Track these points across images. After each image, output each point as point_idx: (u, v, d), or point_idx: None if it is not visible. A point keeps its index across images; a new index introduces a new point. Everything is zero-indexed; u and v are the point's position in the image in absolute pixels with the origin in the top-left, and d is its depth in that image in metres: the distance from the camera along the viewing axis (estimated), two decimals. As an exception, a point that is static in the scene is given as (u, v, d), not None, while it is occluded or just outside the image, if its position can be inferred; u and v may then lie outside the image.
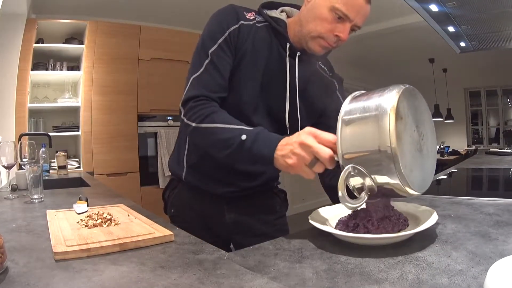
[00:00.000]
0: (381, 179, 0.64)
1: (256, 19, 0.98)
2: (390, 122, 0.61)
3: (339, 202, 1.03)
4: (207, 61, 0.92)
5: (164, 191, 1.21)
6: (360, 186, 0.67)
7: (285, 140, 0.76)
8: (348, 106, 0.69)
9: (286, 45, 0.97)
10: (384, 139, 0.61)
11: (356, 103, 0.68)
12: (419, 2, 3.50)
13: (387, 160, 0.61)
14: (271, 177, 1.13)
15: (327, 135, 0.71)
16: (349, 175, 0.66)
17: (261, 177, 1.08)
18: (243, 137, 0.80)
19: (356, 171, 0.65)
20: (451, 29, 4.30)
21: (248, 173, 1.05)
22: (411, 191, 0.64)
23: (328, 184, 1.01)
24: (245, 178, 1.05)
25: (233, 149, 0.82)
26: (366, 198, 0.67)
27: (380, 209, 0.72)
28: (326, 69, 1.07)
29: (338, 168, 0.70)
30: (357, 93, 0.73)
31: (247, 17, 0.97)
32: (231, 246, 1.10)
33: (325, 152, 0.69)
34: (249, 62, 0.95)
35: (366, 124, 0.65)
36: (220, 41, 0.92)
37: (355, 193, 0.69)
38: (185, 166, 1.08)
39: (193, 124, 0.88)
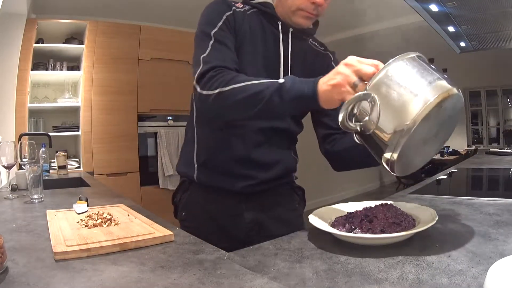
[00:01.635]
0: (380, 134, 0.65)
1: (245, 8, 1.02)
2: (425, 109, 0.60)
3: (340, 169, 1.05)
4: (212, 41, 0.91)
5: (175, 194, 1.15)
6: (361, 118, 0.67)
7: (326, 75, 0.74)
8: (399, 63, 0.66)
9: (278, 24, 1.01)
10: (409, 117, 0.61)
11: (409, 66, 0.66)
12: (419, 2, 3.50)
13: (396, 137, 0.62)
14: (288, 167, 1.09)
15: (370, 60, 0.70)
16: (363, 99, 0.65)
17: (278, 166, 1.05)
18: (281, 80, 0.77)
19: (372, 102, 0.65)
20: (451, 29, 4.30)
21: (264, 163, 1.02)
22: (386, 164, 0.66)
23: (330, 150, 1.03)
24: (261, 168, 1.02)
25: (269, 98, 0.77)
26: (358, 129, 0.67)
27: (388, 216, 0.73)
28: (318, 45, 1.12)
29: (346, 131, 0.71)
30: (417, 54, 0.70)
31: (237, 6, 1.01)
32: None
33: (370, 68, 0.68)
34: (248, 47, 0.98)
35: (403, 93, 0.63)
36: (219, 24, 0.94)
37: (352, 120, 0.69)
38: (196, 165, 1.05)
39: (216, 91, 0.82)
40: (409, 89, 0.63)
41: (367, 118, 0.66)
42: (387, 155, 0.65)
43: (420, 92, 0.62)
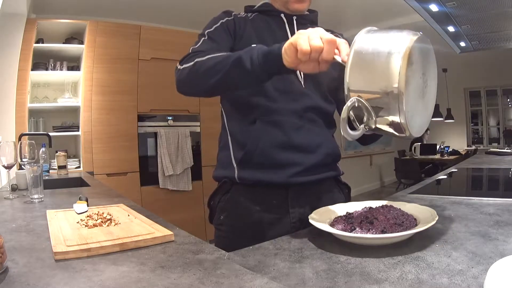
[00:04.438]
0: (384, 117, 0.66)
1: (246, 15, 1.09)
2: (402, 64, 0.61)
3: (367, 143, 1.06)
4: (204, 38, 1.00)
5: (212, 197, 1.10)
6: (361, 119, 0.68)
7: (292, 38, 0.74)
8: (361, 39, 0.69)
9: (280, 16, 1.06)
10: (392, 79, 0.62)
11: (370, 38, 0.68)
12: (419, 2, 3.50)
13: (393, 100, 0.63)
14: (331, 153, 1.06)
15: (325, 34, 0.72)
16: (353, 105, 0.67)
17: (320, 150, 1.02)
18: (253, 45, 0.82)
19: (360, 104, 0.66)
20: (451, 29, 4.30)
21: (306, 146, 1.00)
22: (408, 133, 0.66)
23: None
24: (304, 152, 0.99)
25: (238, 57, 0.81)
26: (364, 130, 0.68)
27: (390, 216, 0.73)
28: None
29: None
30: (373, 28, 0.73)
31: (239, 14, 1.09)
32: None
33: (343, 40, 0.71)
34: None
35: (376, 61, 0.65)
36: (216, 25, 1.02)
37: (355, 125, 0.70)
38: (235, 165, 1.02)
39: (193, 62, 0.90)
40: (381, 55, 0.64)
41: (365, 118, 0.67)
42: (397, 120, 0.64)
43: (390, 52, 0.64)
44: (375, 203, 0.87)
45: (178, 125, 3.71)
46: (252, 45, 0.82)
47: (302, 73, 1.02)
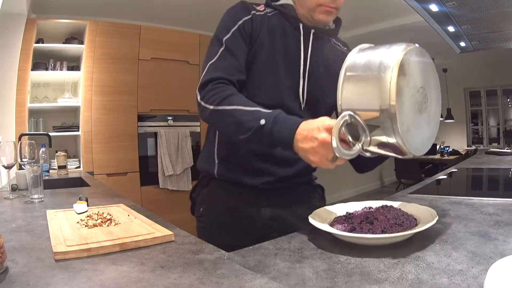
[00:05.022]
0: (378, 134, 0.63)
1: (266, 10, 1.03)
2: (392, 76, 0.60)
3: (363, 171, 1.03)
4: (222, 49, 0.95)
5: (193, 190, 1.17)
6: (355, 138, 0.67)
7: (305, 128, 0.76)
8: (352, 58, 0.68)
9: (299, 25, 1.01)
10: (384, 93, 0.60)
11: (361, 56, 0.67)
12: (419, 2, 3.50)
13: (386, 116, 0.60)
14: (309, 165, 1.08)
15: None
16: (345, 123, 0.65)
17: (298, 163, 1.03)
18: (262, 121, 0.81)
19: (352, 120, 0.64)
20: (451, 29, 4.30)
21: (285, 159, 1.02)
22: (406, 151, 0.63)
23: None
24: (282, 164, 1.02)
25: (252, 133, 0.82)
26: (360, 149, 0.66)
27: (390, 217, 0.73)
28: (341, 45, 1.12)
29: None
30: (365, 45, 0.72)
31: (257, 9, 1.02)
32: None
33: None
34: (268, 50, 0.98)
35: (367, 77, 0.64)
36: (233, 29, 0.96)
37: (350, 144, 0.69)
38: (216, 161, 1.06)
39: (211, 107, 0.88)
40: (372, 69, 0.63)
41: (361, 136, 0.65)
42: (393, 139, 0.62)
43: (381, 65, 0.62)
44: (375, 203, 0.87)
45: (178, 125, 3.71)
46: (277, 114, 0.81)
47: (305, 95, 1.01)
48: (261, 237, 0.97)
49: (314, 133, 0.73)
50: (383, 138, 0.63)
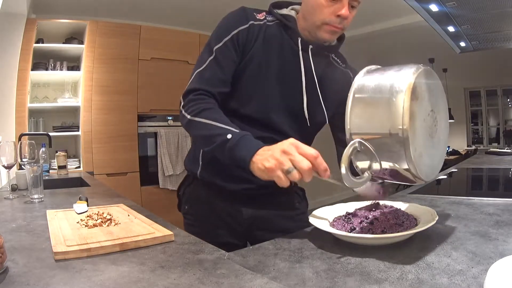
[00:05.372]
0: (389, 161, 0.61)
1: (267, 18, 1.01)
2: (405, 101, 0.58)
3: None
4: (211, 58, 0.96)
5: (179, 187, 1.19)
6: (365, 165, 0.64)
7: (267, 147, 0.77)
8: (361, 80, 0.66)
9: (298, 39, 0.98)
10: (396, 118, 0.58)
11: (370, 78, 0.65)
12: (419, 2, 3.50)
13: (397, 141, 0.58)
14: None
15: (309, 149, 0.71)
16: (355, 150, 0.63)
17: None
18: (228, 136, 0.83)
19: (362, 147, 0.62)
20: (451, 29, 4.30)
21: None
22: (418, 178, 0.61)
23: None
24: None
25: (216, 145, 0.84)
26: (369, 176, 0.65)
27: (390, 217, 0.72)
28: (339, 61, 1.10)
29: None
30: (372, 67, 0.70)
31: (257, 17, 1.00)
32: (247, 243, 1.08)
33: (305, 163, 0.69)
34: (260, 63, 0.97)
35: (378, 101, 0.62)
36: (225, 39, 0.95)
37: (359, 172, 0.67)
38: (200, 163, 1.07)
39: (188, 117, 0.92)
40: (382, 93, 0.61)
41: (369, 163, 0.63)
42: (412, 176, 0.60)
43: (392, 89, 0.60)
44: (375, 204, 0.87)
45: (178, 125, 3.71)
46: (245, 135, 0.83)
47: (305, 111, 0.99)
48: (246, 234, 1.05)
49: (276, 146, 0.74)
50: (394, 165, 0.61)
